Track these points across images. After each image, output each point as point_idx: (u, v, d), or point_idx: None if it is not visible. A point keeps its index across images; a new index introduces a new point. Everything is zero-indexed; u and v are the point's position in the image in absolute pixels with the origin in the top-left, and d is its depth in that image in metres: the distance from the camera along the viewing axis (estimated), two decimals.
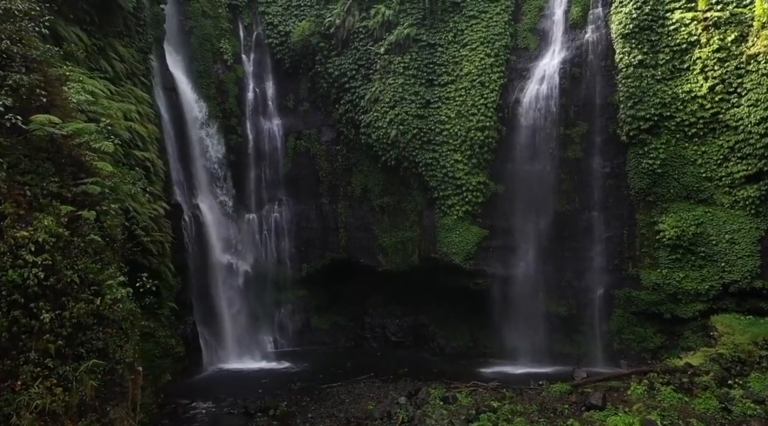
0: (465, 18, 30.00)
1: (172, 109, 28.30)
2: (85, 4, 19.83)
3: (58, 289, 9.59)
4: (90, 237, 10.33)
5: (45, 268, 9.40)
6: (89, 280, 10.33)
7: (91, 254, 10.52)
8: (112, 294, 10.49)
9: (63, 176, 10.40)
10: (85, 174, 11.26)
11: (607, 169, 27.35)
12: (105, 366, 10.03)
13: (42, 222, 9.48)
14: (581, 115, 27.85)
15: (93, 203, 11.01)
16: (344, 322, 33.43)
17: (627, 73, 26.22)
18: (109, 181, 12.05)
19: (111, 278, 10.66)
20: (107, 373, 10.13)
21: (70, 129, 10.53)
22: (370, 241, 31.81)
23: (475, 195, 28.70)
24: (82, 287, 10.11)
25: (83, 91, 14.26)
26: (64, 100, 11.85)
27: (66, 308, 9.68)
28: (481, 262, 28.89)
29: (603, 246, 27.25)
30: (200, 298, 27.64)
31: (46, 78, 11.19)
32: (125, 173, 17.49)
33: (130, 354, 10.85)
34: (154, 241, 21.50)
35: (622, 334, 26.58)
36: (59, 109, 11.22)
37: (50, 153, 10.39)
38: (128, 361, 10.70)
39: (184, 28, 31.11)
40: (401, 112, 29.66)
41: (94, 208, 11.02)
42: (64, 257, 9.71)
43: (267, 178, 33.38)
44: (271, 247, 32.73)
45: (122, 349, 10.60)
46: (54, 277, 9.48)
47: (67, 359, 9.57)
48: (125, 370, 10.59)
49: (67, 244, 9.89)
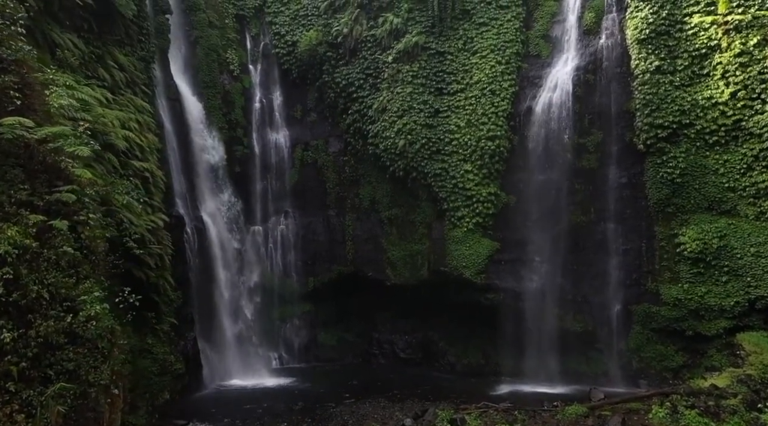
0: (475, 25, 29.31)
1: (176, 120, 27.82)
2: (82, 11, 19.39)
3: (22, 305, 8.83)
4: (62, 249, 9.57)
5: (7, 282, 8.64)
6: (61, 296, 9.57)
7: (64, 267, 9.77)
8: (87, 310, 9.69)
9: (35, 183, 9.69)
10: (63, 181, 10.54)
11: (624, 179, 26.28)
12: (75, 389, 9.21)
13: (5, 233, 8.74)
14: (596, 124, 26.87)
15: (69, 212, 10.27)
16: (352, 338, 32.48)
17: (644, 80, 25.24)
18: (90, 189, 11.32)
19: (86, 293, 9.87)
20: (78, 398, 9.33)
21: (44, 133, 9.83)
22: (378, 254, 30.94)
23: (485, 206, 27.79)
24: (52, 303, 9.34)
25: (73, 97, 13.64)
26: (44, 104, 11.17)
27: (32, 326, 8.90)
28: (493, 276, 27.87)
29: (620, 259, 26.08)
30: (202, 313, 26.88)
31: (23, 80, 10.52)
32: (118, 183, 16.85)
33: (106, 376, 10.03)
34: (151, 254, 20.82)
35: (642, 353, 25.29)
36: (37, 113, 10.53)
37: (22, 158, 9.69)
38: (103, 384, 9.88)
39: (190, 38, 30.77)
40: (409, 122, 28.93)
41: (71, 217, 10.28)
42: (31, 271, 8.96)
43: (273, 189, 32.76)
44: (277, 260, 31.98)
45: (97, 370, 9.79)
46: (18, 292, 8.71)
47: (32, 382, 8.77)
48: (100, 394, 9.77)
49: (35, 257, 9.14)
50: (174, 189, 26.09)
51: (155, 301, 22.09)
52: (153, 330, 22.07)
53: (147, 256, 20.47)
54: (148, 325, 21.88)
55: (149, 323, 21.86)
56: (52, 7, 18.03)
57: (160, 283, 22.03)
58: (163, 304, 22.67)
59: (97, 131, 17.01)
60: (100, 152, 17.68)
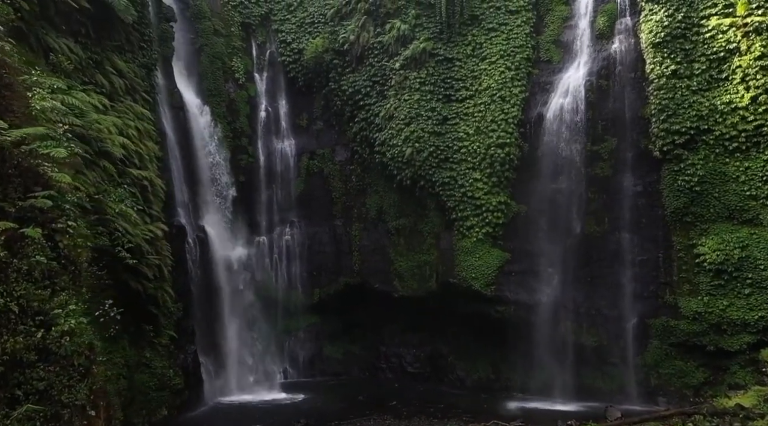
0: (484, 31, 28.68)
1: (179, 128, 27.34)
2: (80, 16, 18.97)
3: None
4: (35, 259, 8.89)
5: None
6: (33, 309, 8.89)
7: (38, 279, 9.08)
8: (61, 325, 8.99)
9: (7, 188, 9.05)
10: (42, 187, 9.90)
11: (639, 188, 25.34)
12: (46, 411, 8.49)
13: None
14: (609, 130, 26.02)
15: (46, 220, 9.61)
16: (358, 351, 31.64)
17: (659, 85, 24.39)
18: (72, 195, 10.68)
19: (61, 306, 9.18)
20: (50, 420, 8.59)
21: (19, 134, 9.22)
22: (385, 265, 30.19)
23: (495, 216, 26.98)
24: (22, 317, 8.66)
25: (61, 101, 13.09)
26: (26, 106, 10.57)
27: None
28: (503, 288, 26.99)
29: (636, 271, 25.06)
30: (204, 326, 26.21)
31: (2, 81, 9.92)
32: (111, 190, 16.26)
33: (82, 395, 9.30)
34: (149, 265, 20.25)
35: (660, 369, 24.17)
36: (16, 114, 9.93)
37: None
38: (79, 404, 9.15)
39: (195, 46, 30.39)
40: (417, 129, 28.28)
41: (48, 225, 9.62)
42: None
43: (278, 199, 32.16)
44: (282, 272, 31.29)
45: (71, 390, 9.06)
46: None
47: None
48: (74, 415, 9.04)
49: (4, 267, 8.46)
50: (176, 198, 25.54)
51: (153, 313, 21.51)
52: (151, 343, 21.48)
53: (144, 266, 19.91)
54: (146, 338, 21.30)
55: (147, 336, 21.27)
56: (48, 12, 17.61)
57: (158, 295, 21.46)
58: (162, 316, 22.08)
59: (91, 137, 16.49)
60: (95, 159, 17.19)
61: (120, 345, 19.06)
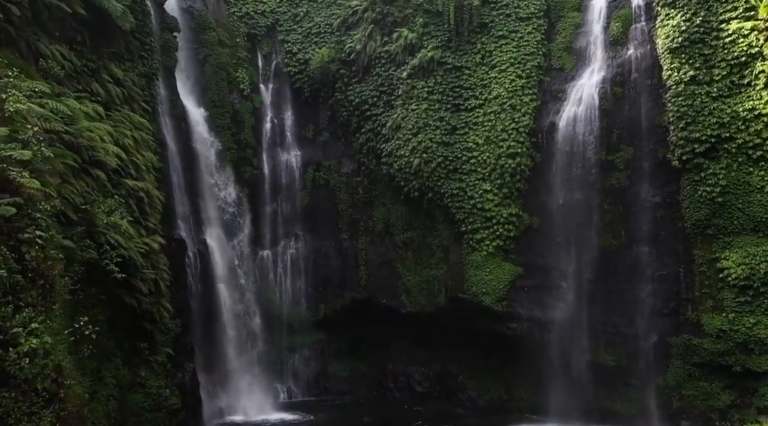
0: (494, 38, 27.98)
1: (181, 139, 26.73)
2: (75, 22, 18.40)
3: None
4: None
5: None
6: None
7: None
8: (21, 346, 8.12)
9: None
10: (9, 194, 9.11)
11: (658, 199, 24.25)
12: None
13: None
14: (625, 139, 25.04)
15: (12, 229, 8.80)
16: (365, 369, 30.62)
17: (677, 91, 23.40)
18: (46, 203, 9.88)
19: (23, 325, 8.32)
20: None
21: None
22: (392, 280, 29.28)
23: (506, 228, 26.05)
24: None
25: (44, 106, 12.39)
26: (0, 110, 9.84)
27: None
28: (515, 304, 26.00)
29: (656, 286, 23.88)
30: (204, 343, 25.35)
31: None
32: (101, 201, 15.51)
33: (46, 423, 8.40)
34: (144, 279, 19.41)
35: (683, 390, 22.83)
36: None
37: None
38: None
39: (199, 56, 29.94)
40: (425, 140, 27.49)
41: (14, 235, 8.80)
42: None
43: (283, 212, 31.42)
44: (286, 286, 30.44)
45: (32, 417, 8.17)
46: None
47: None
48: None
49: None
50: (176, 211, 24.84)
51: (149, 329, 20.62)
52: (146, 361, 20.53)
53: (139, 281, 19.07)
54: (141, 355, 20.37)
55: (142, 354, 20.34)
56: (40, 18, 17.05)
57: (155, 311, 20.58)
58: (159, 332, 21.17)
59: (81, 146, 15.79)
60: (86, 168, 16.47)
61: (112, 364, 18.17)
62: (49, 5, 17.07)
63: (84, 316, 16.21)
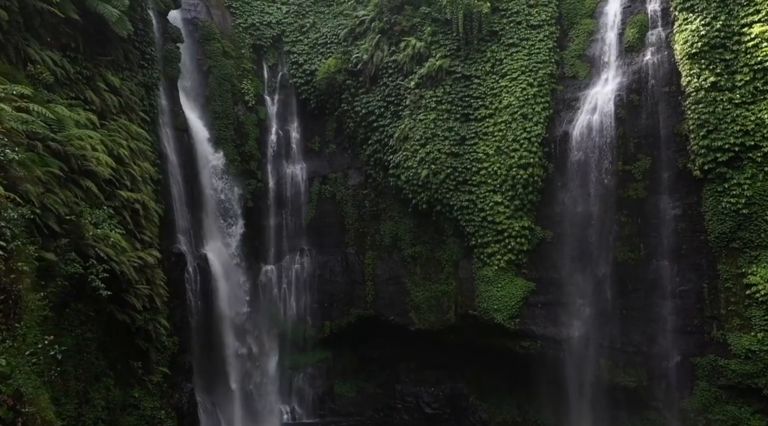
0: (504, 47, 27.22)
1: (183, 151, 26.05)
2: (68, 28, 17.82)
3: None
4: None
5: None
6: None
7: None
8: None
9: None
10: None
11: (678, 211, 23.09)
12: None
13: None
14: (643, 148, 23.99)
15: None
16: (372, 389, 29.47)
17: (697, 98, 22.37)
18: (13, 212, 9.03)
19: None
20: None
21: None
22: (400, 296, 28.27)
23: (518, 242, 25.08)
24: None
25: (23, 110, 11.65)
26: None
27: None
28: (528, 321, 24.86)
29: (678, 302, 22.64)
30: (203, 361, 24.36)
31: None
32: (87, 211, 14.71)
33: None
34: (138, 295, 18.55)
35: (709, 414, 21.47)
36: None
37: None
38: None
39: (202, 67, 29.35)
40: (433, 150, 26.63)
41: None
42: None
43: (288, 226, 30.55)
44: (291, 303, 29.45)
45: None
46: None
47: None
48: None
49: None
50: (176, 224, 24.08)
51: (144, 348, 19.71)
52: (141, 381, 19.55)
53: (132, 296, 18.24)
54: (135, 375, 19.42)
55: (136, 374, 19.40)
56: (32, 23, 16.48)
57: (150, 328, 19.68)
58: (155, 351, 20.25)
59: (70, 154, 15.04)
60: (75, 177, 15.71)
61: (102, 384, 17.22)
62: (41, 10, 16.50)
63: (69, 334, 15.64)
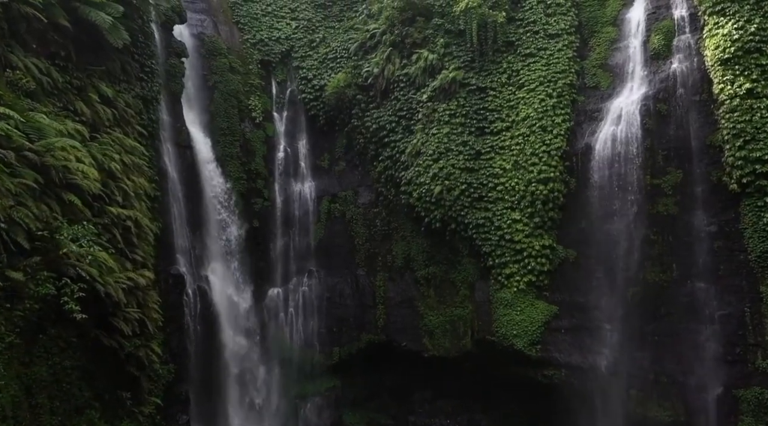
0: (520, 57, 26.15)
1: (185, 168, 25.14)
2: (57, 36, 16.94)
3: None
4: None
5: None
6: None
7: None
8: None
9: None
10: None
11: (714, 228, 21.38)
12: None
13: None
14: (673, 161, 22.48)
15: None
16: (384, 421, 27.89)
17: (732, 106, 20.86)
18: None
19: None
20: None
21: None
22: (413, 320, 26.80)
23: (539, 262, 23.59)
24: None
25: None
26: None
27: None
28: (551, 348, 23.33)
29: (716, 328, 20.78)
30: (202, 391, 23.00)
31: None
32: (65, 227, 13.49)
33: None
34: (128, 319, 17.26)
35: None
36: None
37: None
38: None
39: (208, 83, 28.52)
40: (447, 166, 25.32)
41: None
42: None
43: (296, 246, 29.24)
44: (298, 327, 27.99)
45: None
46: None
47: None
48: None
49: None
50: (175, 244, 22.99)
51: (135, 376, 18.34)
52: (130, 413, 18.16)
53: (120, 320, 16.97)
54: (124, 406, 18.01)
55: (125, 404, 17.99)
56: (17, 28, 15.62)
57: (141, 355, 18.33)
58: (146, 380, 18.92)
59: (49, 165, 13.92)
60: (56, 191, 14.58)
61: (84, 417, 15.85)
62: (27, 15, 15.62)
63: (45, 362, 14.31)
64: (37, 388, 13.34)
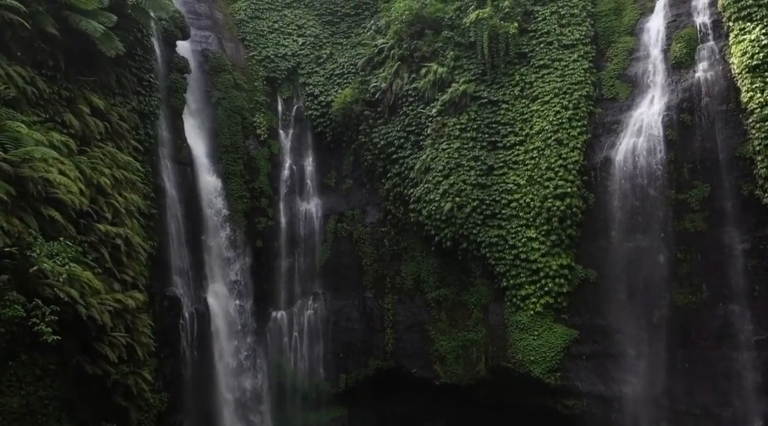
0: (534, 69, 25.24)
1: (185, 186, 24.16)
2: (45, 44, 16.15)
3: None
4: None
5: None
6: None
7: None
8: None
9: None
10: None
11: (747, 245, 19.99)
12: None
13: None
14: (699, 174, 21.22)
15: None
16: None
17: (763, 115, 19.69)
18: None
19: None
20: None
21: None
22: (423, 345, 25.51)
23: (557, 282, 22.31)
24: None
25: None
26: None
27: None
28: (571, 375, 21.94)
29: (754, 355, 19.24)
30: (198, 422, 21.57)
31: None
32: (38, 243, 12.43)
33: None
34: (114, 344, 16.10)
35: None
36: None
37: None
38: None
39: (211, 99, 27.75)
40: (457, 182, 24.23)
41: None
42: None
43: (301, 267, 28.06)
44: (303, 353, 26.64)
45: None
46: None
47: None
48: None
49: None
50: (171, 264, 21.86)
51: (123, 406, 17.08)
52: None
53: (106, 346, 15.81)
54: None
55: None
56: (1, 36, 14.84)
57: (130, 383, 17.12)
58: (135, 410, 17.66)
59: (26, 177, 12.93)
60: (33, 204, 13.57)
61: None
62: (11, 22, 14.86)
63: (17, 392, 13.14)
64: (7, 420, 12.16)
